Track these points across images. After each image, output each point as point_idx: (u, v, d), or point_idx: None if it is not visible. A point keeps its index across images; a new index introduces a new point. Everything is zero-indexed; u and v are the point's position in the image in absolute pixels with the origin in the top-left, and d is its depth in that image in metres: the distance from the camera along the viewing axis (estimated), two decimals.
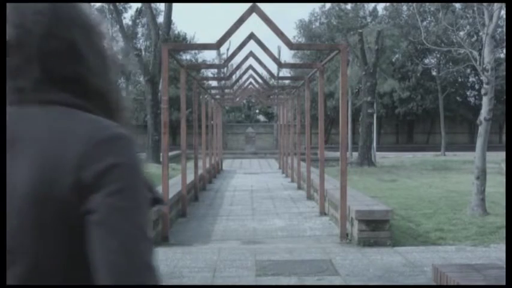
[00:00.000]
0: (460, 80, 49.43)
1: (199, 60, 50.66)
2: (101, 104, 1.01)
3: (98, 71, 1.02)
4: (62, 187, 0.89)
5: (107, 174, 0.90)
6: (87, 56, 1.01)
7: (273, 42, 12.20)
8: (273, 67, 30.97)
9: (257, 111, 53.62)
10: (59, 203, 0.89)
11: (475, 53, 10.40)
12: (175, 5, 28.95)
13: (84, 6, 1.05)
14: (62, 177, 0.90)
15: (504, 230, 7.76)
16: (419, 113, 48.03)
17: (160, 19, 32.32)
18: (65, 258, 0.92)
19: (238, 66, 15.32)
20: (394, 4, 43.21)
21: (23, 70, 0.97)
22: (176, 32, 49.54)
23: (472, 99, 51.98)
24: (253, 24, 8.32)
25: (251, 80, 17.90)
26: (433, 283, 5.48)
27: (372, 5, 49.32)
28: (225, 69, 28.22)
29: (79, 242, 0.90)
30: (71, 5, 1.02)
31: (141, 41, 53.60)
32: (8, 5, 0.97)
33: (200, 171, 14.61)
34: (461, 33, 37.63)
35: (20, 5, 0.98)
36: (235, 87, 19.32)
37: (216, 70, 33.55)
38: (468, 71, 45.46)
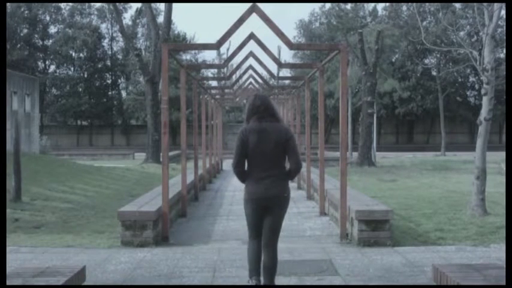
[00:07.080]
0: (460, 80, 49.39)
1: (199, 60, 50.60)
2: (279, 121, 5.13)
3: (277, 112, 5.15)
4: (282, 141, 4.97)
5: (291, 137, 5.04)
6: (274, 108, 5.14)
7: (273, 42, 12.21)
8: (273, 67, 30.97)
9: None
10: (281, 144, 4.97)
11: (475, 53, 10.39)
12: (175, 5, 28.95)
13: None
14: (282, 138, 4.97)
15: (504, 230, 7.77)
16: (419, 113, 47.97)
17: (160, 19, 32.34)
18: (282, 156, 5.01)
19: (238, 66, 15.32)
20: (394, 4, 43.16)
21: (264, 112, 5.02)
22: (176, 32, 49.45)
23: (472, 99, 51.93)
24: (253, 24, 8.32)
25: (251, 80, 17.89)
26: (433, 283, 5.49)
27: (372, 5, 49.30)
28: (225, 69, 28.18)
29: (284, 153, 5.01)
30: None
31: (141, 41, 53.56)
32: (256, 97, 5.16)
33: (200, 171, 14.61)
34: (461, 33, 37.65)
35: (260, 97, 5.17)
36: (235, 87, 19.30)
37: (216, 70, 33.56)
38: (468, 71, 45.43)
